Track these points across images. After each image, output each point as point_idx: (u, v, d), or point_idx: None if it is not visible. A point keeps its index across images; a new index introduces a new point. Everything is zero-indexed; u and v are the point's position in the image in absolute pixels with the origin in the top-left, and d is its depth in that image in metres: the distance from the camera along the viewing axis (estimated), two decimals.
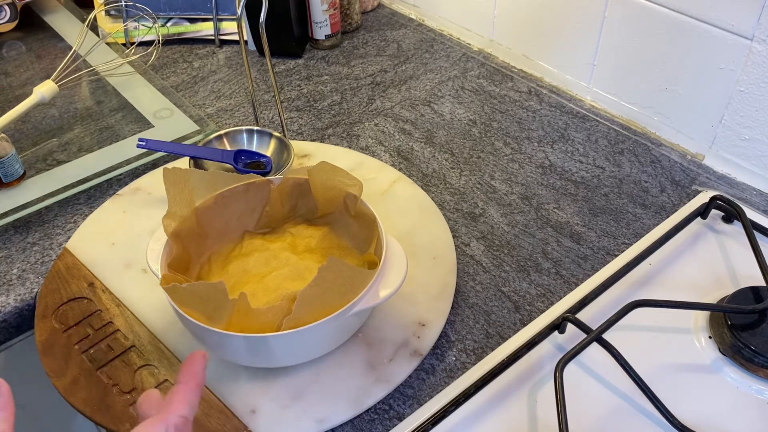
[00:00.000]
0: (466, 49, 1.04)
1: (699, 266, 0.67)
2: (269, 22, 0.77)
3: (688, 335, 0.61)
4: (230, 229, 0.64)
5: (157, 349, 0.60)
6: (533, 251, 0.70)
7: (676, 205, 0.75)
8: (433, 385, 0.58)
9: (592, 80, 0.89)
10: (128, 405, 0.55)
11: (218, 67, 1.02)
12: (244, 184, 0.63)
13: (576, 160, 0.82)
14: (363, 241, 0.62)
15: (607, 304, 0.63)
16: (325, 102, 0.94)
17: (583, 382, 0.57)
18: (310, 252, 0.64)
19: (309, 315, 0.51)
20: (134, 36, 1.06)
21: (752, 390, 0.56)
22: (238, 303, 0.51)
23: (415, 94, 0.95)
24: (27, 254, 0.71)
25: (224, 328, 0.51)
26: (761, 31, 0.68)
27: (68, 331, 0.61)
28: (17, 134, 0.87)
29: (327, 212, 0.65)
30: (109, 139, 0.86)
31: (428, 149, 0.84)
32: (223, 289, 0.50)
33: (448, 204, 0.76)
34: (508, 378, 0.57)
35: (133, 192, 0.77)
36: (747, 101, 0.73)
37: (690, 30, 0.74)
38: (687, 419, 0.53)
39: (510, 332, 0.62)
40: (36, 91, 0.86)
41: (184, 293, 0.51)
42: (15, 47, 1.08)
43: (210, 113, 0.92)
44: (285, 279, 0.61)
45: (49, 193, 0.76)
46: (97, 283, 0.66)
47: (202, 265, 0.62)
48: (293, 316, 0.51)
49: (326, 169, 0.60)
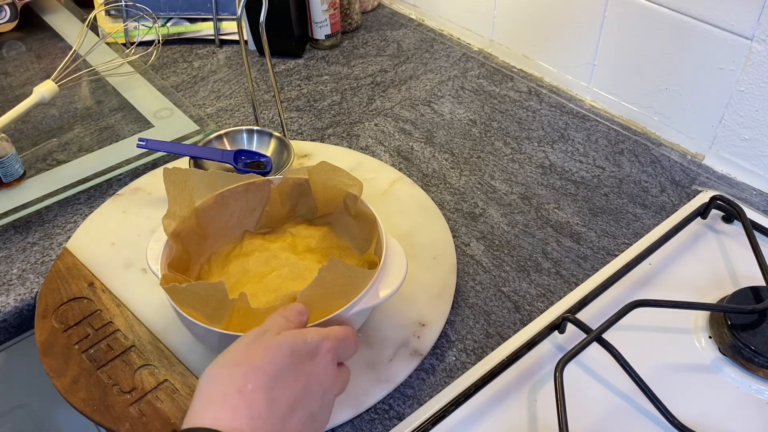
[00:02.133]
0: (466, 49, 1.04)
1: (699, 266, 0.67)
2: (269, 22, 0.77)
3: (688, 335, 0.61)
4: (230, 229, 0.64)
5: (157, 349, 0.60)
6: (533, 251, 0.70)
7: (676, 205, 0.75)
8: (433, 385, 0.58)
9: (592, 80, 0.89)
10: (128, 405, 0.55)
11: (218, 67, 1.02)
12: (244, 184, 0.63)
13: (576, 160, 0.82)
14: (363, 241, 0.62)
15: (607, 304, 0.63)
16: (325, 102, 0.94)
17: (583, 382, 0.57)
18: (310, 252, 0.64)
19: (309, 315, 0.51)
20: (134, 36, 1.06)
21: (752, 390, 0.56)
22: (238, 303, 0.51)
23: (415, 94, 0.95)
24: (27, 254, 0.71)
25: (224, 328, 0.51)
26: (761, 31, 0.68)
27: (68, 331, 0.61)
28: (17, 134, 0.87)
29: (327, 212, 0.65)
30: (109, 139, 0.86)
31: (428, 149, 0.84)
32: (223, 289, 0.50)
33: (448, 204, 0.76)
34: (508, 378, 0.57)
35: (132, 192, 0.77)
36: (747, 101, 0.73)
37: (690, 30, 0.74)
38: (687, 419, 0.53)
39: (510, 332, 0.62)
40: (36, 91, 0.86)
41: (184, 293, 0.51)
42: (15, 47, 1.08)
43: (210, 113, 0.92)
44: (285, 279, 0.61)
45: (49, 193, 0.76)
46: (97, 283, 0.66)
47: (201, 265, 0.62)
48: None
49: (326, 169, 0.60)
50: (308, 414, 0.43)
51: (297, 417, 0.42)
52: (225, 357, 0.43)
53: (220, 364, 0.43)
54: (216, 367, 0.42)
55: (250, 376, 0.41)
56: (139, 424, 0.54)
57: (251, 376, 0.41)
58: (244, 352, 0.43)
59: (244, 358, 0.42)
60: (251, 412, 0.39)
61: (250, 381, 0.40)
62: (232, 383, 0.40)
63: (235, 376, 0.41)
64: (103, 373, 0.58)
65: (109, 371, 0.58)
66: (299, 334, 0.45)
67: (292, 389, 0.42)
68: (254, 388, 0.40)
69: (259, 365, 0.42)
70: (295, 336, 0.44)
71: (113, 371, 0.58)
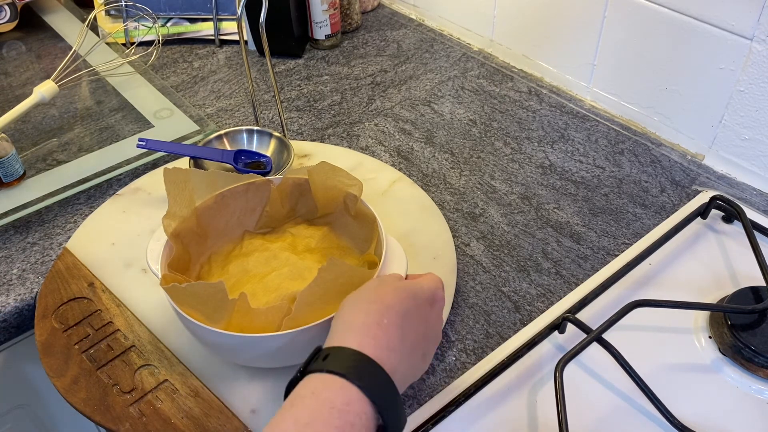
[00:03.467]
0: (466, 49, 1.04)
1: (699, 266, 0.67)
2: (269, 22, 0.77)
3: (688, 335, 0.61)
4: (230, 228, 0.64)
5: (157, 349, 0.60)
6: (533, 251, 0.70)
7: (676, 205, 0.75)
8: (433, 385, 0.58)
9: (592, 80, 0.89)
10: (128, 405, 0.55)
11: (218, 67, 1.02)
12: (244, 184, 0.63)
13: (576, 160, 0.82)
14: (363, 241, 0.62)
15: (607, 304, 0.63)
16: (325, 102, 0.94)
17: (583, 382, 0.57)
18: (309, 252, 0.64)
19: (309, 315, 0.51)
20: (134, 36, 1.06)
21: (752, 390, 0.56)
22: (237, 303, 0.51)
23: (415, 94, 0.95)
24: (27, 254, 0.71)
25: (224, 328, 0.51)
26: (761, 31, 0.68)
27: (68, 331, 0.61)
28: (17, 134, 0.87)
29: (327, 212, 0.65)
30: (109, 139, 0.86)
31: (428, 149, 0.84)
32: (223, 289, 0.50)
33: (448, 204, 0.76)
34: (508, 378, 0.58)
35: (132, 192, 0.77)
36: (747, 101, 0.73)
37: (690, 30, 0.74)
38: (687, 419, 0.53)
39: (510, 332, 0.62)
40: (36, 91, 0.86)
41: (184, 293, 0.51)
42: (15, 47, 1.08)
43: (210, 113, 0.92)
44: (285, 279, 0.61)
45: (49, 193, 0.76)
46: (97, 283, 0.66)
47: (202, 265, 0.62)
48: (293, 317, 0.51)
49: (326, 169, 0.60)
50: (422, 354, 0.48)
51: (416, 354, 0.47)
52: (357, 295, 0.47)
53: (356, 299, 0.47)
54: (353, 302, 0.47)
55: (385, 313, 0.45)
56: (139, 424, 0.54)
57: (386, 313, 0.45)
58: (375, 293, 0.47)
59: (377, 297, 0.46)
60: (389, 343, 0.44)
61: (386, 317, 0.45)
62: (372, 316, 0.45)
63: (371, 311, 0.45)
64: (103, 373, 0.58)
65: (109, 371, 0.58)
66: (417, 282, 0.50)
67: (415, 329, 0.47)
68: (389, 324, 0.44)
69: (390, 304, 0.46)
70: (415, 284, 0.49)
71: (113, 371, 0.58)
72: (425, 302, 0.49)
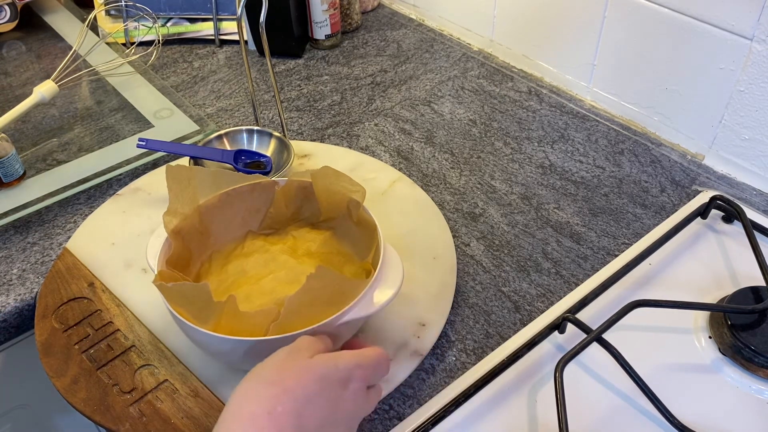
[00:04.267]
0: (466, 49, 1.04)
1: (699, 266, 0.67)
2: (269, 22, 0.77)
3: (688, 335, 0.61)
4: (234, 228, 0.64)
5: (157, 349, 0.60)
6: (533, 251, 0.70)
7: (676, 205, 0.75)
8: (433, 385, 0.58)
9: (592, 80, 0.89)
10: (128, 405, 0.55)
11: (218, 67, 1.03)
12: (250, 184, 0.62)
13: (576, 160, 0.82)
14: (364, 248, 0.61)
15: (607, 304, 0.63)
16: (325, 102, 0.94)
17: (583, 382, 0.57)
18: (309, 256, 0.63)
19: (296, 322, 0.50)
20: (134, 36, 1.06)
21: (752, 390, 0.56)
22: (226, 305, 0.50)
23: (415, 94, 0.95)
24: (27, 254, 0.71)
25: (213, 329, 0.51)
26: (761, 31, 0.68)
27: (68, 331, 0.61)
28: (17, 134, 0.87)
29: (330, 216, 0.64)
30: (109, 139, 0.86)
31: (428, 149, 0.84)
32: (207, 291, 0.49)
33: (448, 204, 0.76)
34: (508, 378, 0.57)
35: (132, 192, 0.77)
36: (747, 101, 0.73)
37: (690, 30, 0.74)
38: (687, 419, 0.53)
39: (510, 332, 0.62)
40: (36, 91, 0.86)
41: (172, 292, 0.51)
42: (15, 47, 1.08)
43: (210, 113, 0.92)
44: (280, 282, 0.61)
45: (49, 193, 0.76)
46: (97, 283, 0.66)
47: (202, 263, 0.62)
48: (280, 323, 0.50)
49: (329, 173, 0.60)
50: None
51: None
52: (257, 373, 0.43)
53: (251, 380, 0.43)
54: (247, 383, 0.43)
55: (281, 398, 0.41)
56: (139, 424, 0.54)
57: (282, 398, 0.41)
58: (276, 372, 0.43)
59: (276, 378, 0.43)
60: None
61: (281, 403, 0.41)
62: (263, 404, 0.41)
63: (266, 396, 0.41)
64: (103, 373, 0.58)
65: (109, 371, 0.58)
66: (332, 359, 0.45)
67: (319, 416, 0.42)
68: (283, 412, 0.41)
69: (289, 387, 0.42)
70: (328, 361, 0.45)
71: (113, 371, 0.58)
72: (336, 384, 0.44)
